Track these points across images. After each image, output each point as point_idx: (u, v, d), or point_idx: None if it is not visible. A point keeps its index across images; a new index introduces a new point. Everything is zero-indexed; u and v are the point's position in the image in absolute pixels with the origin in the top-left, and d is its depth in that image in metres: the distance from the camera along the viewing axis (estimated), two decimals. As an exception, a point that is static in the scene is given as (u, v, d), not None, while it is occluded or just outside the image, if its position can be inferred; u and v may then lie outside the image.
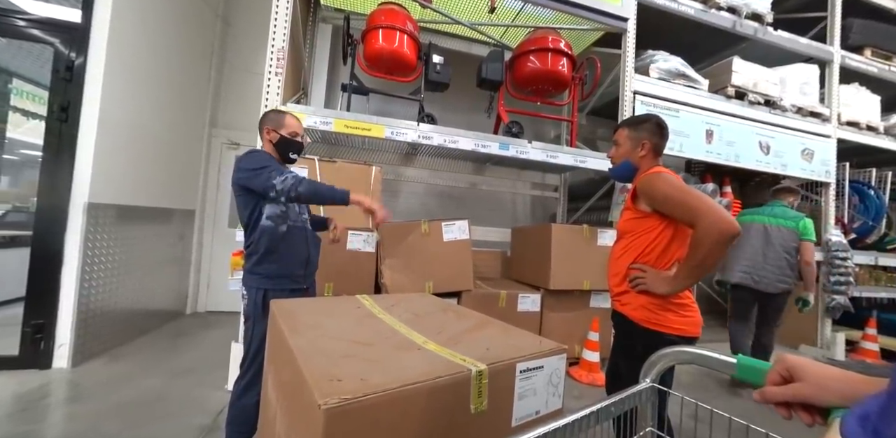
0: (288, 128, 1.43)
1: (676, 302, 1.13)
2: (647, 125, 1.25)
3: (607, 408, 0.55)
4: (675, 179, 1.13)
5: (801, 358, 0.42)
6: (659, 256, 1.15)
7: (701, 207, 1.03)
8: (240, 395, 1.32)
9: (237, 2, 3.62)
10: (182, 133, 3.11)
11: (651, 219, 1.16)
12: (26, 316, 2.06)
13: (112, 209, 2.34)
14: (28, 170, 3.59)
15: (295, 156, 1.47)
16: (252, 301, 1.34)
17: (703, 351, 0.57)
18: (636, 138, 1.26)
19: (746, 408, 2.06)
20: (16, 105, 3.32)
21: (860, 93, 3.74)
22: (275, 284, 1.34)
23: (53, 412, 1.69)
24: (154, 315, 2.91)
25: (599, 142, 4.07)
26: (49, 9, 2.24)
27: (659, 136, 1.25)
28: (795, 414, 0.41)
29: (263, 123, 1.44)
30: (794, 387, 0.41)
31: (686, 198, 1.06)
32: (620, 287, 1.22)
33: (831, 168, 3.51)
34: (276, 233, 1.34)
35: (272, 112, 1.48)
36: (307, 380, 0.55)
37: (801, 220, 2.39)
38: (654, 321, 1.12)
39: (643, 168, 1.25)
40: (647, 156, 1.25)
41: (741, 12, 3.10)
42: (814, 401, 0.39)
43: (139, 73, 2.51)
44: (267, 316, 1.27)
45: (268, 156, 1.37)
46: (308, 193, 1.25)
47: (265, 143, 1.45)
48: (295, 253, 1.40)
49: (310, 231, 1.49)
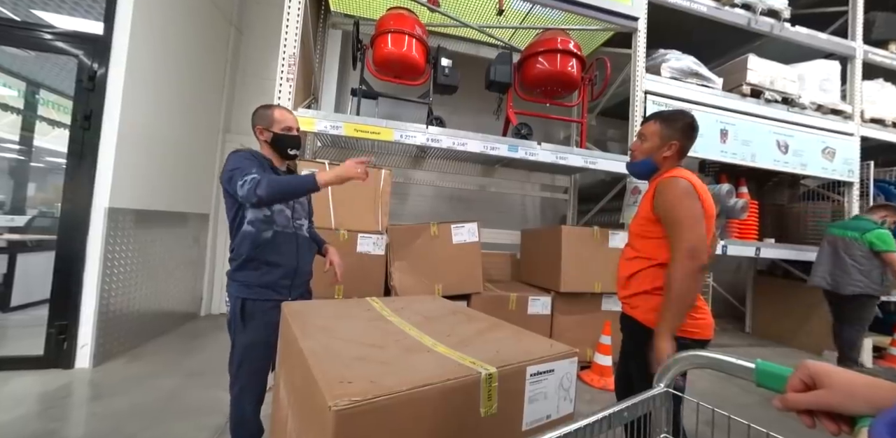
0: (279, 123, 1.32)
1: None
2: (681, 125, 1.19)
3: (620, 413, 0.54)
4: (688, 188, 1.09)
5: (825, 364, 0.41)
6: (666, 260, 1.12)
7: (684, 234, 1.04)
8: (236, 397, 1.28)
9: (250, 11, 3.71)
10: (197, 139, 3.20)
11: (661, 224, 1.14)
12: (51, 317, 2.14)
13: (131, 213, 2.42)
14: (52, 176, 3.75)
15: (294, 152, 1.36)
16: (232, 309, 1.25)
17: (720, 355, 0.56)
18: (666, 136, 1.20)
19: (764, 415, 1.99)
20: (42, 114, 3.48)
21: (885, 88, 3.60)
22: (253, 294, 1.23)
23: (77, 410, 1.75)
24: (170, 316, 2.98)
25: (610, 142, 4.02)
26: (73, 22, 2.34)
27: (688, 138, 1.20)
28: (819, 423, 0.39)
29: (254, 123, 1.34)
30: (819, 394, 0.39)
31: (678, 217, 1.07)
32: (630, 289, 1.20)
33: (854, 167, 3.38)
34: (259, 239, 1.25)
35: (259, 109, 1.36)
36: (318, 382, 0.55)
37: (868, 232, 2.51)
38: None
39: (664, 168, 1.21)
40: (671, 158, 1.20)
41: (756, 9, 3.03)
42: (840, 409, 0.38)
43: (157, 81, 2.59)
44: (246, 328, 1.23)
45: (244, 155, 1.25)
46: (271, 194, 1.13)
47: (261, 145, 1.35)
48: (281, 261, 1.28)
49: (303, 237, 1.37)
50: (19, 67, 3.24)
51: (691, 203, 1.07)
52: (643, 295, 1.16)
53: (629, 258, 1.22)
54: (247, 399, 1.27)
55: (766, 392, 0.47)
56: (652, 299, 1.13)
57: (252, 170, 1.17)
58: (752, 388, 1.70)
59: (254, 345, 1.25)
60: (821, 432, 0.40)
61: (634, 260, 1.20)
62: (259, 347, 1.26)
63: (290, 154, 1.36)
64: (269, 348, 1.25)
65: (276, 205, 1.28)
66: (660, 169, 1.22)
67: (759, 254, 3.06)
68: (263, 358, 1.27)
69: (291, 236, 1.32)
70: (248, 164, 1.20)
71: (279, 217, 1.30)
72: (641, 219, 1.19)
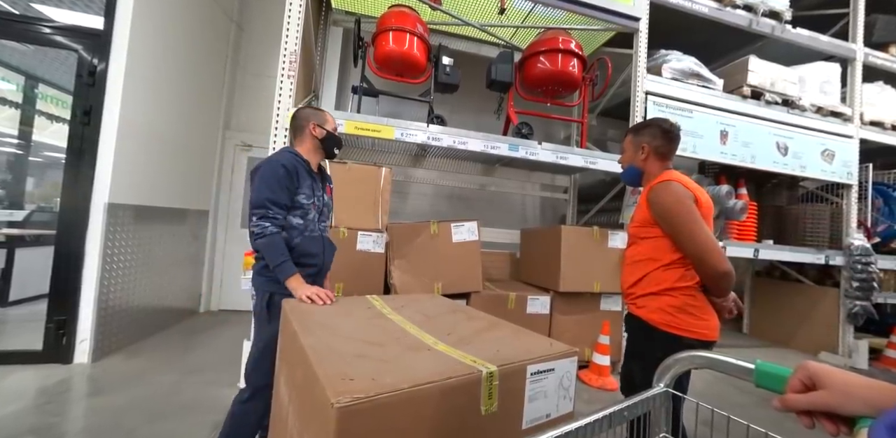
0: (331, 123, 1.43)
1: (695, 305, 1.12)
2: (648, 130, 1.27)
3: (620, 413, 0.55)
4: (681, 191, 1.13)
5: (824, 365, 0.41)
6: (673, 259, 1.14)
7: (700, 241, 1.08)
8: (242, 399, 1.27)
9: (251, 7, 3.69)
10: (197, 135, 3.19)
11: (658, 226, 1.17)
12: (50, 312, 2.14)
13: (130, 209, 2.41)
14: (51, 171, 3.74)
15: (338, 151, 1.47)
16: (259, 303, 1.32)
17: (720, 355, 0.56)
18: (636, 142, 1.29)
19: (762, 415, 2.01)
20: (41, 109, 3.46)
21: (885, 91, 3.61)
22: (281, 288, 1.27)
23: (75, 405, 1.75)
24: (169, 312, 2.98)
25: (610, 143, 4.02)
26: (73, 16, 2.32)
27: (661, 139, 1.24)
28: (818, 423, 0.40)
29: (306, 118, 1.40)
30: (818, 395, 0.39)
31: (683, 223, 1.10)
32: (638, 291, 1.21)
33: (853, 169, 3.39)
34: (290, 244, 1.31)
35: (309, 109, 1.45)
36: (320, 379, 0.56)
37: None
38: (674, 324, 1.11)
39: (649, 171, 1.27)
40: (648, 159, 1.26)
41: (758, 10, 3.03)
42: (839, 410, 0.38)
43: (158, 77, 2.58)
44: (272, 320, 1.27)
45: (280, 172, 1.26)
46: (260, 250, 1.25)
47: (307, 139, 1.40)
48: (309, 261, 1.35)
49: (326, 239, 1.45)
50: (18, 61, 3.22)
51: (691, 207, 1.10)
52: (651, 295, 1.17)
53: (636, 261, 1.24)
54: (255, 399, 1.25)
55: (762, 393, 0.47)
56: (659, 299, 1.15)
57: (277, 216, 1.25)
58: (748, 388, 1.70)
59: (276, 337, 1.27)
60: (819, 433, 0.41)
61: (641, 262, 1.21)
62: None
63: (335, 153, 1.46)
64: None
65: (311, 213, 1.36)
66: (645, 171, 1.28)
67: (757, 256, 3.07)
68: None
69: (318, 238, 1.39)
70: (277, 197, 1.25)
71: (311, 223, 1.36)
72: (642, 223, 1.21)
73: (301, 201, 1.33)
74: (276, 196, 1.25)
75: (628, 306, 1.26)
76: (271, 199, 1.24)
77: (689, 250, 1.09)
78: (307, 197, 1.34)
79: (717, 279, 1.07)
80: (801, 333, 3.60)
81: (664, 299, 1.13)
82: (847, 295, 3.24)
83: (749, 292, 4.14)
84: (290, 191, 1.29)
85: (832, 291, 3.42)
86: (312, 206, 1.36)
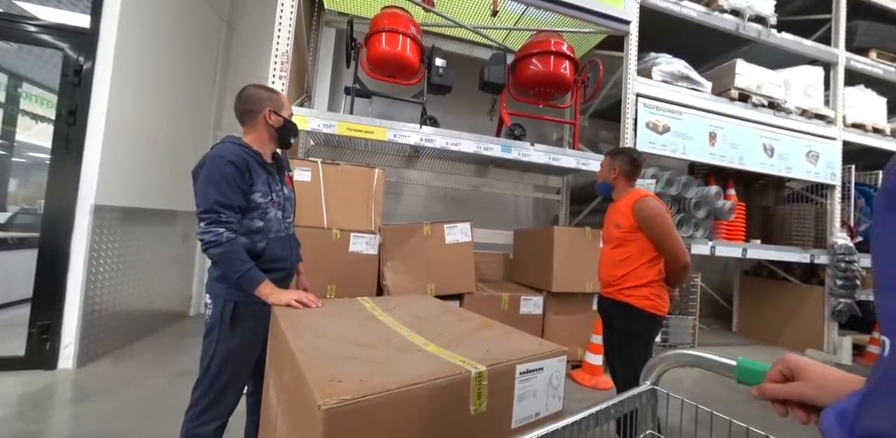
0: (287, 108, 1.23)
1: (662, 293, 1.49)
2: (621, 156, 1.60)
3: (606, 410, 0.55)
4: (659, 207, 1.46)
5: (804, 358, 0.43)
6: (652, 257, 1.49)
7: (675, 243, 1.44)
8: (194, 420, 1.10)
9: (242, 7, 3.66)
10: (187, 136, 3.14)
11: (642, 232, 1.49)
12: (33, 316, 2.08)
13: (118, 211, 2.37)
14: (36, 172, 3.65)
15: (293, 140, 1.28)
16: (218, 312, 1.12)
17: (704, 353, 0.57)
18: (611, 164, 1.61)
19: (748, 412, 2.04)
20: (24, 108, 3.38)
21: (866, 94, 3.72)
22: (246, 296, 1.11)
23: (60, 412, 1.71)
24: (158, 316, 2.93)
25: (602, 144, 4.07)
26: (59, 14, 2.28)
27: (629, 165, 1.58)
28: (791, 412, 0.41)
29: (259, 103, 1.18)
30: (795, 386, 0.41)
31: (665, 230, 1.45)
32: (624, 283, 1.50)
33: (837, 170, 3.48)
34: (255, 250, 1.15)
35: (262, 89, 1.20)
36: (308, 381, 0.55)
37: None
38: (654, 307, 1.46)
39: (618, 187, 1.62)
40: (618, 178, 1.61)
41: (744, 15, 3.10)
42: (812, 401, 0.40)
43: (146, 77, 2.54)
44: (234, 332, 1.12)
45: (228, 169, 1.08)
46: (216, 259, 1.08)
47: (260, 127, 1.19)
48: (277, 266, 1.20)
49: (293, 237, 1.31)
50: (1, 60, 3.14)
51: (668, 218, 1.46)
52: (637, 287, 1.48)
53: (622, 258, 1.52)
54: (209, 417, 1.11)
55: (749, 390, 0.48)
56: (643, 289, 1.47)
57: (231, 219, 1.08)
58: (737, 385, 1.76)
59: (238, 351, 1.14)
60: (796, 427, 0.42)
61: (627, 260, 1.51)
62: (242, 354, 1.15)
63: (290, 143, 1.27)
64: (250, 356, 1.17)
65: (270, 212, 1.18)
66: (614, 187, 1.63)
67: (745, 255, 3.13)
68: (244, 364, 1.17)
69: (284, 239, 1.24)
70: (228, 199, 1.07)
71: (273, 224, 1.19)
72: (630, 229, 1.50)
73: (257, 200, 1.15)
74: (227, 198, 1.07)
75: (615, 294, 1.54)
76: (221, 202, 1.06)
77: (667, 249, 1.44)
78: (263, 194, 1.16)
79: (683, 270, 1.46)
80: (788, 331, 3.67)
81: (647, 289, 1.48)
82: (832, 293, 3.32)
83: (737, 291, 4.21)
84: (243, 190, 1.11)
85: (818, 289, 3.49)
86: (272, 204, 1.19)
